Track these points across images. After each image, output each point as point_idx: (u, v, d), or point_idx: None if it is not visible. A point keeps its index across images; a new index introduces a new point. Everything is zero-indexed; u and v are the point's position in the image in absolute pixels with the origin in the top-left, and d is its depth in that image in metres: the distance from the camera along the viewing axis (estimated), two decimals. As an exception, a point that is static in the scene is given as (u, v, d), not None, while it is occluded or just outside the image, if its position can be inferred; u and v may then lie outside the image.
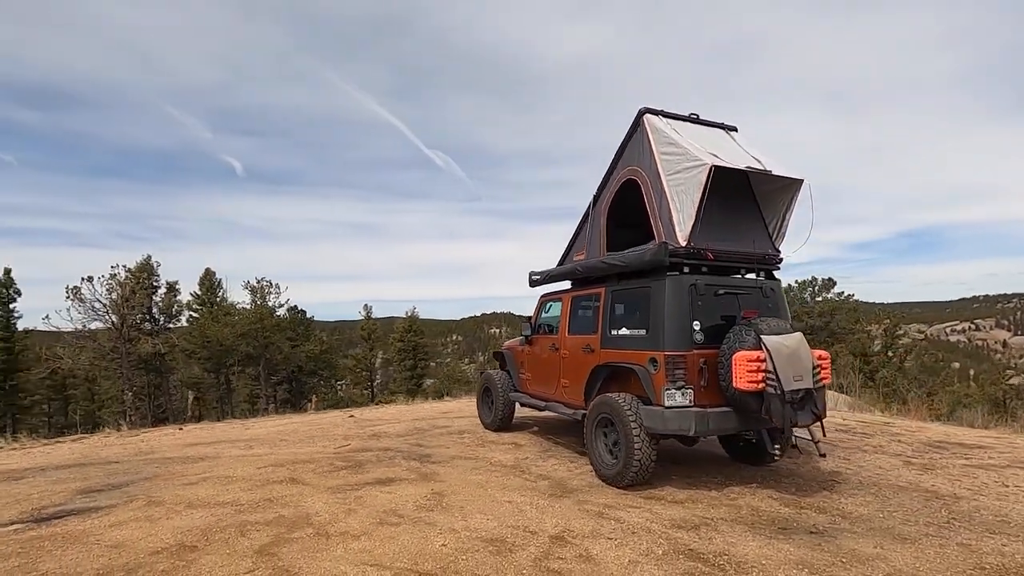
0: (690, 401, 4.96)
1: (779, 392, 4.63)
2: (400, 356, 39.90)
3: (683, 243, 5.20)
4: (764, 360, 4.67)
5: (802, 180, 5.54)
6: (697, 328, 5.09)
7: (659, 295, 5.21)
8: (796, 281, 36.50)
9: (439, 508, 4.82)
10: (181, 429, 11.45)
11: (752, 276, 5.71)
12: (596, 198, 6.56)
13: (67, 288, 22.18)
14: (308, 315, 36.03)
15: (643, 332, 5.34)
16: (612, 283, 6.00)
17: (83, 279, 22.39)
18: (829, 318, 33.92)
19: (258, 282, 30.88)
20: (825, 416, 5.24)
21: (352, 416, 10.90)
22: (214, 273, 33.70)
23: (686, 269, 5.27)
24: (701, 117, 6.11)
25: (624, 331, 5.63)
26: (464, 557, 3.81)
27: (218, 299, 32.62)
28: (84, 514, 4.94)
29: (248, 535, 4.26)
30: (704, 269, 5.40)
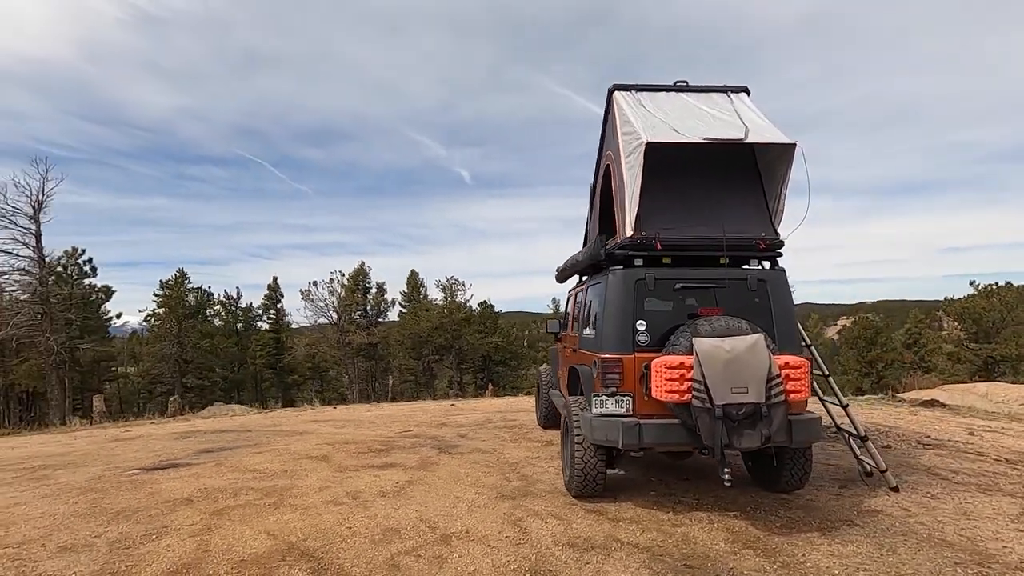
0: (626, 410, 4.44)
1: (708, 406, 3.88)
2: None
3: (630, 232, 4.65)
4: (691, 367, 3.96)
5: (794, 144, 4.45)
6: (642, 328, 4.52)
7: (603, 292, 4.76)
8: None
9: (392, 495, 5.21)
10: (335, 408, 13.82)
11: (745, 266, 4.79)
12: (593, 187, 6.15)
13: (300, 291, 28.25)
14: (496, 309, 39.05)
15: (594, 332, 4.93)
16: (588, 280, 5.61)
17: (311, 283, 28.25)
18: None
19: (448, 280, 34.66)
20: (785, 439, 4.13)
21: (453, 405, 11.84)
22: (417, 273, 38.83)
23: (639, 262, 4.69)
24: (691, 84, 5.30)
25: (587, 331, 5.25)
26: (350, 540, 4.15)
27: (421, 296, 37.48)
28: (176, 468, 6.57)
29: (236, 497, 5.24)
30: (667, 260, 4.74)
